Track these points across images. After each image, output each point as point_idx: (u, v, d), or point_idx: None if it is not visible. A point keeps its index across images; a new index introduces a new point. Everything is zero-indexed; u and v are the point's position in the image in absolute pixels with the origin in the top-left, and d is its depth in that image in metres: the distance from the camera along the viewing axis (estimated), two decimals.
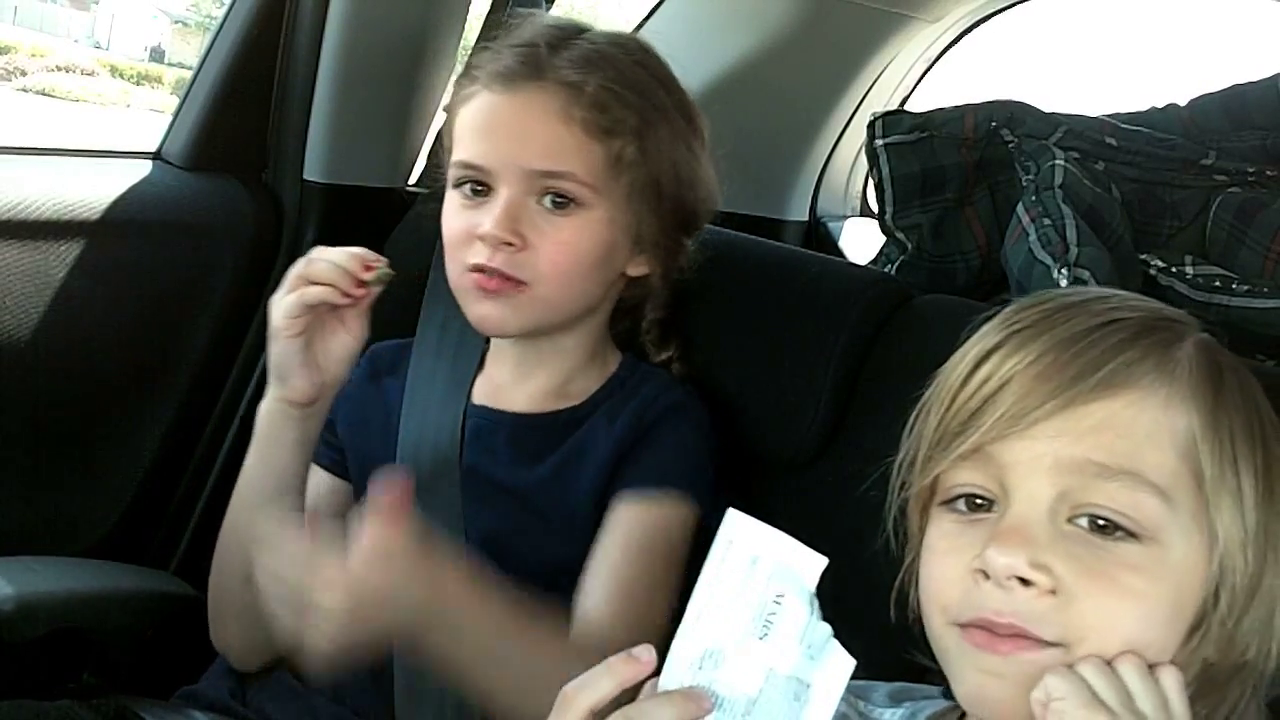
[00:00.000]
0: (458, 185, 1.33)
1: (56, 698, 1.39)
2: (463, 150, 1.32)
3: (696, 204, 1.38)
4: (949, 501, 0.87)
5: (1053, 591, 0.80)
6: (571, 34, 1.35)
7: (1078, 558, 0.80)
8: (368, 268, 1.28)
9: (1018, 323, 0.87)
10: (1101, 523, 0.81)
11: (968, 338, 0.91)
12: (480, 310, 1.31)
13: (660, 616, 1.25)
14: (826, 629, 0.78)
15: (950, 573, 0.85)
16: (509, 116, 1.30)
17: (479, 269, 1.29)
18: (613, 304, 1.40)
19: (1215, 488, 0.82)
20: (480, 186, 1.31)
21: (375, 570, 1.04)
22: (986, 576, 0.81)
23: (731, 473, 1.37)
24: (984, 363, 0.86)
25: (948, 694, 0.90)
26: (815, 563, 0.77)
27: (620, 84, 1.31)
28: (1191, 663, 0.83)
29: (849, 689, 0.98)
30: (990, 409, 0.84)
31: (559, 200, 1.29)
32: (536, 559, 1.31)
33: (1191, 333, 0.88)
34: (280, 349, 1.28)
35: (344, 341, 1.30)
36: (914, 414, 0.93)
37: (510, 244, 1.27)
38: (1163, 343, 0.85)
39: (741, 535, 0.79)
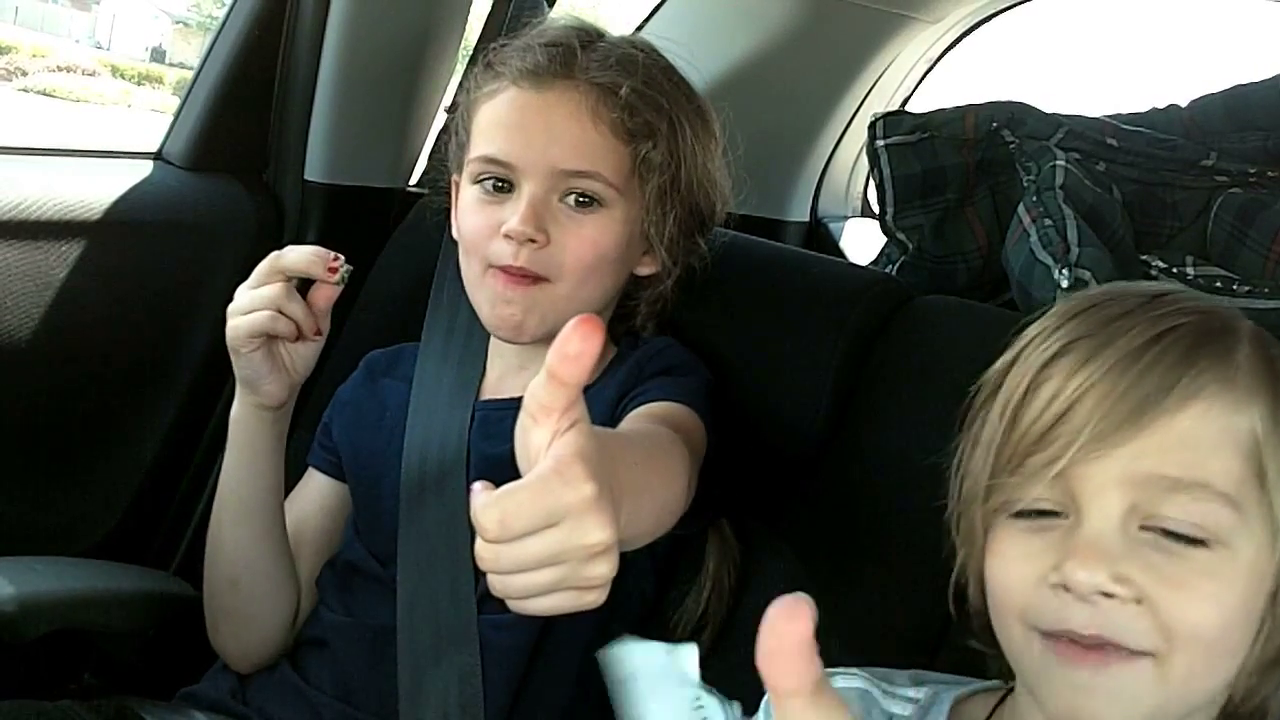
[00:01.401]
0: (478, 180, 1.32)
1: (57, 698, 1.39)
2: (487, 145, 1.31)
3: (711, 206, 1.39)
4: (1016, 514, 0.88)
5: (1137, 600, 0.81)
6: (595, 36, 1.35)
7: (1155, 566, 0.81)
8: (331, 269, 1.28)
9: (1076, 333, 0.87)
10: (1172, 532, 0.82)
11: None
12: (500, 312, 1.31)
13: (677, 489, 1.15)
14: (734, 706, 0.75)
15: (1023, 580, 0.85)
16: (539, 113, 1.29)
17: (506, 268, 1.28)
18: (615, 302, 1.40)
19: (1277, 482, 0.83)
20: (502, 183, 1.30)
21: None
22: (1067, 589, 0.82)
23: (734, 473, 1.37)
24: (1047, 378, 0.86)
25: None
26: (691, 653, 0.73)
27: (650, 87, 1.31)
28: (1259, 658, 0.84)
29: (872, 673, 0.99)
30: (1062, 430, 0.84)
31: (583, 199, 1.29)
32: None
33: (1244, 331, 0.88)
34: (244, 362, 1.29)
35: (307, 343, 1.31)
36: (965, 416, 0.93)
37: (535, 241, 1.27)
38: (1221, 350, 0.85)
39: (637, 663, 0.72)
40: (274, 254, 1.29)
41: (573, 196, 1.29)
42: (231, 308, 1.29)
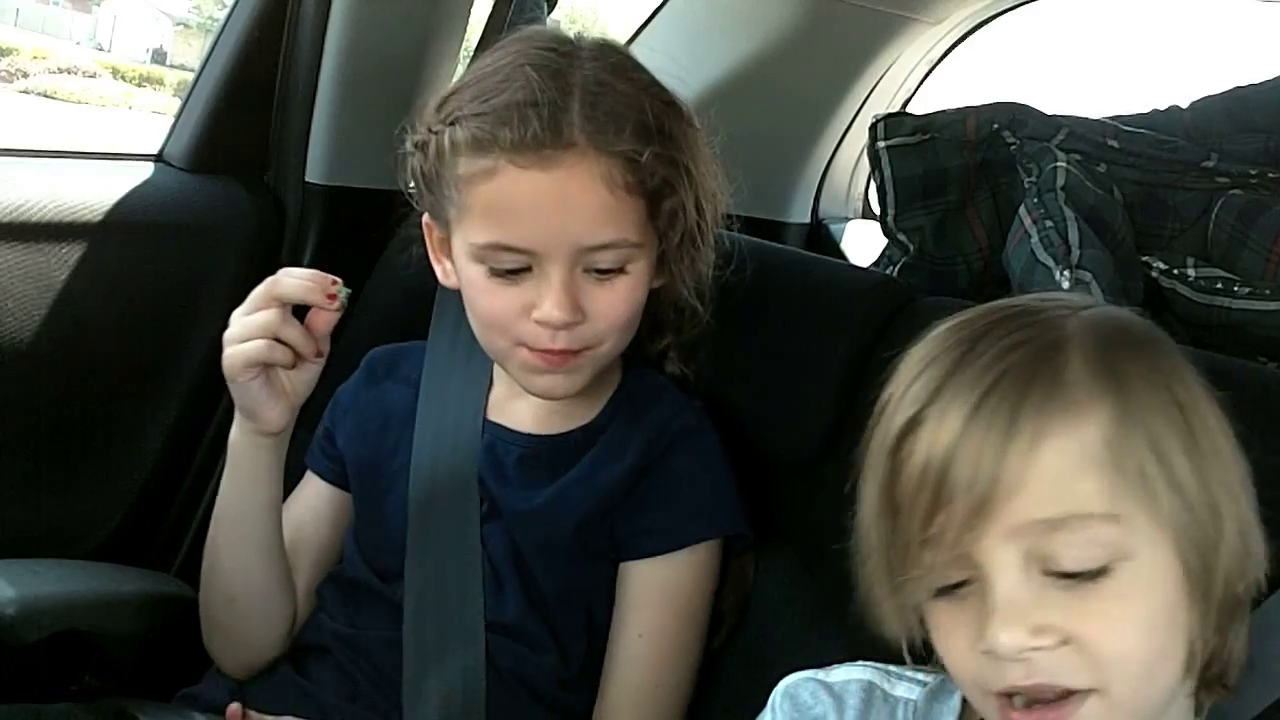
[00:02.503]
0: (483, 262, 1.24)
1: (57, 700, 1.39)
2: (498, 231, 1.22)
3: (710, 217, 1.35)
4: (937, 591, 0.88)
5: (1064, 642, 0.82)
6: (560, 65, 1.23)
7: (1067, 605, 0.82)
8: (330, 295, 1.25)
9: (918, 402, 0.87)
10: (1071, 572, 0.82)
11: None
12: (543, 383, 1.28)
13: (684, 684, 1.32)
14: None
15: (963, 651, 0.86)
16: (550, 194, 1.19)
17: (547, 352, 1.24)
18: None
19: (1155, 489, 0.83)
20: (518, 269, 1.23)
21: None
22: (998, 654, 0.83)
23: (737, 476, 1.37)
24: (906, 458, 0.86)
25: None
26: None
27: (646, 128, 1.22)
28: (1205, 628, 0.85)
29: (877, 667, 1.01)
30: (937, 520, 0.84)
31: (603, 274, 1.24)
32: (550, 584, 1.32)
33: (1073, 341, 0.86)
34: (241, 391, 1.27)
35: (307, 366, 1.28)
36: (858, 479, 0.92)
37: (574, 324, 1.23)
38: (1050, 374, 0.84)
39: None
40: (269, 280, 1.25)
41: (603, 265, 1.24)
42: (227, 335, 1.26)
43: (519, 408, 1.38)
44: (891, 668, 1.01)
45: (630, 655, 1.30)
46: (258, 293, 1.25)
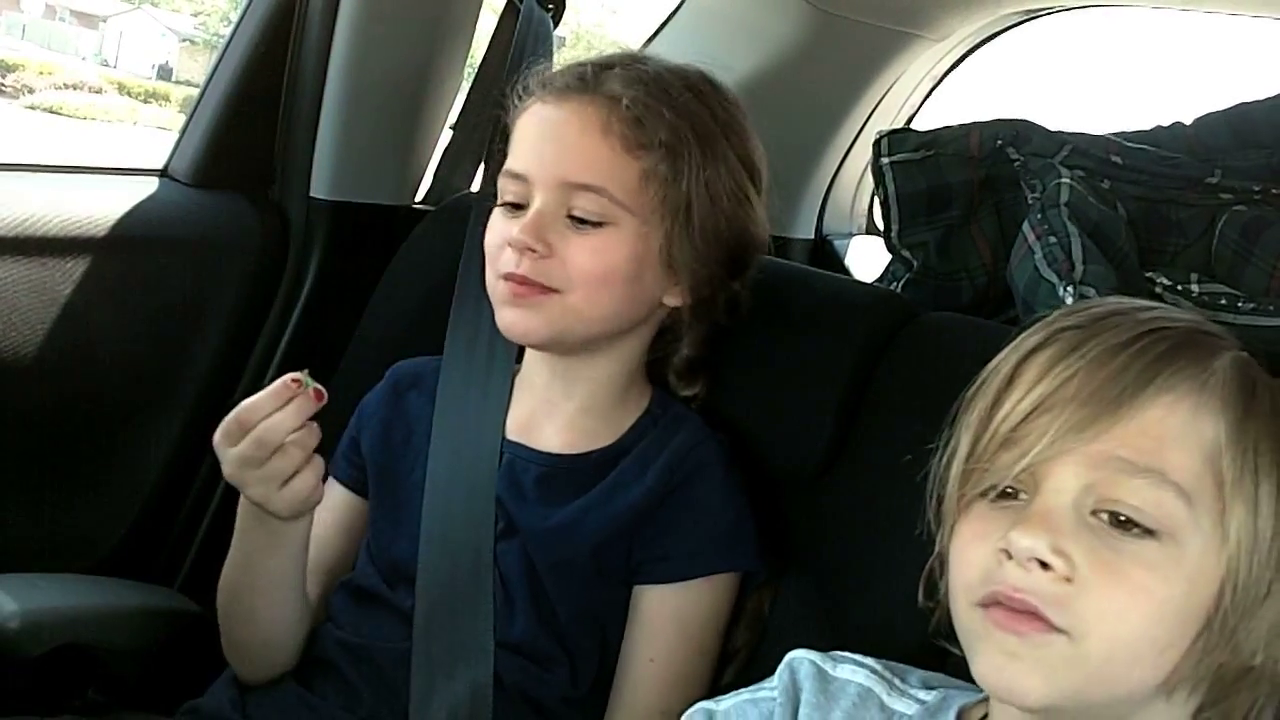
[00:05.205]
0: (501, 196, 1.33)
1: (60, 714, 1.39)
2: (511, 160, 1.33)
3: (742, 244, 1.36)
4: (983, 494, 0.90)
5: (1068, 580, 0.83)
6: (631, 59, 1.36)
7: (1095, 550, 0.84)
8: (295, 382, 1.21)
9: (1063, 324, 0.90)
10: (1123, 518, 0.84)
11: (995, 355, 0.94)
12: (508, 316, 1.31)
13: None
14: None
15: (977, 557, 0.88)
16: (554, 126, 1.31)
17: (509, 276, 1.29)
18: (649, 337, 1.39)
19: (1233, 492, 0.85)
20: (519, 205, 1.31)
21: None
22: (1009, 556, 0.85)
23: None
24: (1030, 365, 0.89)
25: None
26: None
27: (661, 101, 1.30)
28: (1202, 663, 0.85)
29: (886, 666, 1.02)
30: (1037, 423, 0.86)
31: (585, 220, 1.28)
32: (563, 604, 1.32)
33: (1230, 349, 0.90)
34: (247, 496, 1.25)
35: (305, 478, 1.23)
36: (958, 406, 0.95)
37: (534, 250, 1.27)
38: (1200, 355, 0.88)
39: None
40: (231, 418, 1.23)
41: (579, 212, 1.29)
42: (227, 474, 1.24)
43: (540, 427, 1.38)
44: (898, 680, 1.02)
45: (639, 679, 1.30)
46: (229, 431, 1.22)
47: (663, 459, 1.33)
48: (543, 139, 1.31)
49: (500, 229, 1.32)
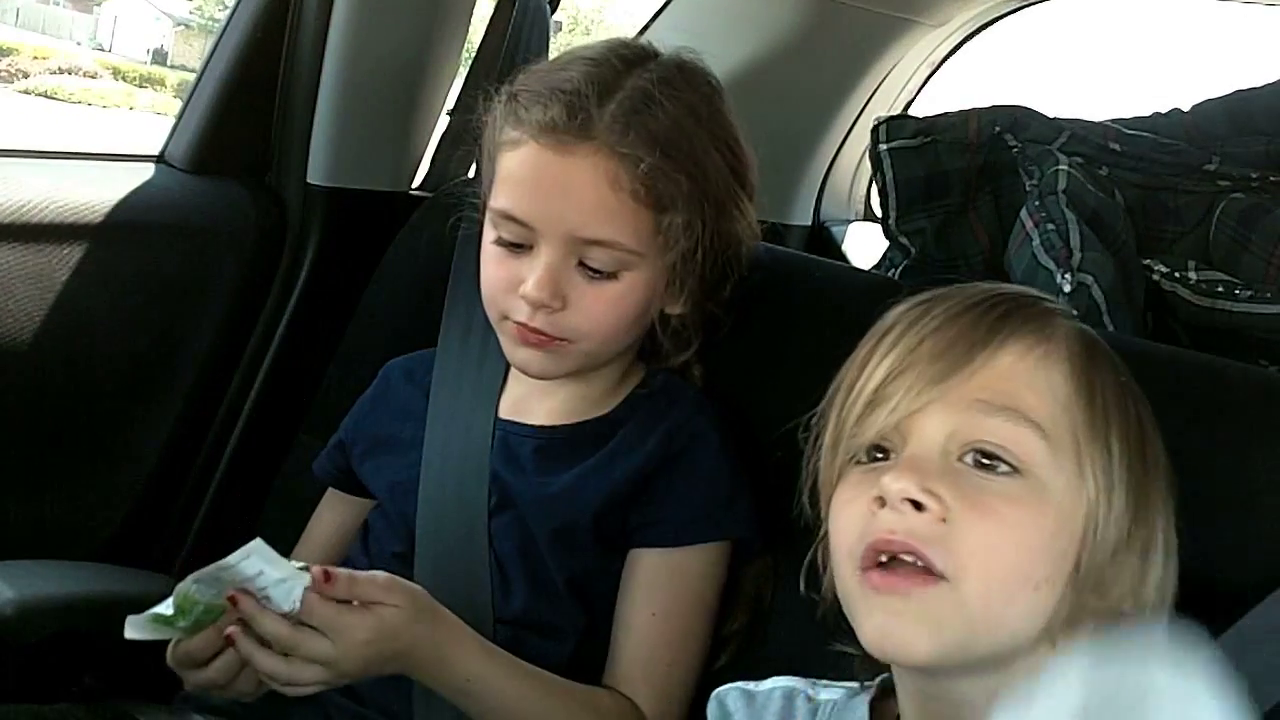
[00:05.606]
0: (495, 229, 1.29)
1: (56, 701, 1.39)
2: (505, 199, 1.28)
3: (737, 254, 1.36)
4: (854, 459, 0.94)
5: (943, 520, 0.86)
6: (625, 65, 1.29)
7: (964, 490, 0.87)
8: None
9: (919, 298, 0.96)
10: (986, 460, 0.88)
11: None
12: (522, 356, 1.30)
13: (695, 668, 1.30)
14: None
15: (853, 515, 0.91)
16: (556, 177, 1.25)
17: (523, 325, 1.27)
18: (645, 331, 1.38)
19: (1088, 437, 0.90)
20: (520, 241, 1.27)
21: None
22: (883, 505, 0.87)
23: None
24: (889, 331, 0.95)
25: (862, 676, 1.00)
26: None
27: (673, 150, 1.26)
28: (1076, 607, 0.89)
29: (808, 680, 1.05)
30: (899, 383, 0.91)
31: (595, 273, 1.26)
32: (561, 573, 1.32)
33: (1069, 316, 0.97)
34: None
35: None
36: (828, 395, 0.99)
37: (549, 307, 1.25)
38: (1041, 314, 0.94)
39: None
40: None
41: (593, 264, 1.26)
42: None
43: (533, 404, 1.38)
44: (822, 681, 1.04)
45: (643, 631, 1.29)
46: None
47: (663, 427, 1.33)
48: (547, 191, 1.26)
49: (503, 272, 1.29)
